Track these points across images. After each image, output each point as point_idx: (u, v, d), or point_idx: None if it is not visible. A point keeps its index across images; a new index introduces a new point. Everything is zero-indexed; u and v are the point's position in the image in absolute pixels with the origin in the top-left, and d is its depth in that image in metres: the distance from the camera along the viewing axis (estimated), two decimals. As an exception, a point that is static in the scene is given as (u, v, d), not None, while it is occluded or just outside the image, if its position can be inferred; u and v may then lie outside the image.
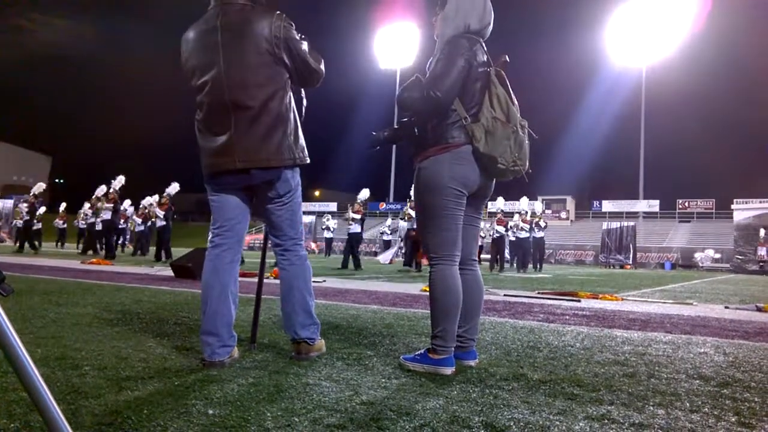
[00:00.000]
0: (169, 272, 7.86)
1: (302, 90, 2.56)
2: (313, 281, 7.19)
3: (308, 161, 2.47)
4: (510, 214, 18.07)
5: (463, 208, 2.40)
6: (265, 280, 2.90)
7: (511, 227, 16.53)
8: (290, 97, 2.44)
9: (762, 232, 23.59)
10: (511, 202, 24.64)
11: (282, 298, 2.49)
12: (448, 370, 2.29)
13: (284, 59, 2.35)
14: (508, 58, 2.46)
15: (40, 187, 17.16)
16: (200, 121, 2.41)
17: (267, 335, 3.03)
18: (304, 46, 2.40)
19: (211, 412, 1.68)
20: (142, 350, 2.53)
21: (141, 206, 18.43)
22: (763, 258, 23.29)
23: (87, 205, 17.73)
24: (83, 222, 20.04)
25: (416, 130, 2.46)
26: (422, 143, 2.42)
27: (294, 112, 2.45)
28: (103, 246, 14.38)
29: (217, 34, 2.32)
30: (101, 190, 17.25)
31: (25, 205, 16.43)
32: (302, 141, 2.46)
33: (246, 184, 2.40)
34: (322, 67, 2.49)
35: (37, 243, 16.85)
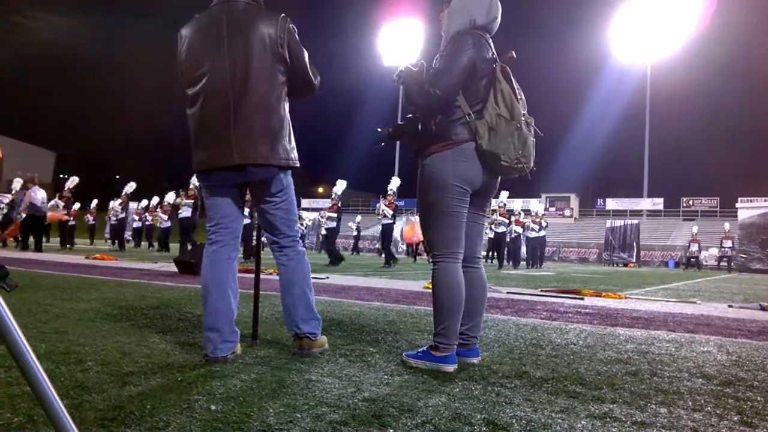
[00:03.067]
0: (172, 268, 7.90)
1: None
2: (317, 278, 7.22)
3: (298, 165, 2.48)
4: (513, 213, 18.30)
5: (467, 205, 2.39)
6: (266, 276, 2.90)
7: (525, 227, 17.17)
8: (287, 99, 2.45)
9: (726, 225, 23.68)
10: (512, 200, 24.67)
11: (282, 293, 2.50)
12: (451, 368, 2.29)
13: (286, 60, 2.37)
14: (514, 54, 2.44)
15: (73, 181, 16.05)
16: (194, 116, 2.38)
17: (269, 331, 3.03)
18: (306, 55, 2.43)
19: (213, 407, 1.68)
20: (146, 346, 2.54)
21: (165, 202, 18.00)
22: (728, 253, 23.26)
23: (116, 201, 17.34)
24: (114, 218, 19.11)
25: (420, 127, 2.45)
26: (426, 140, 2.41)
27: (288, 114, 2.46)
28: (185, 242, 13.59)
29: (222, 28, 2.33)
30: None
31: (60, 202, 15.27)
32: (294, 144, 2.47)
33: (241, 181, 2.41)
34: (318, 82, 2.52)
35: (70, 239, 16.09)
